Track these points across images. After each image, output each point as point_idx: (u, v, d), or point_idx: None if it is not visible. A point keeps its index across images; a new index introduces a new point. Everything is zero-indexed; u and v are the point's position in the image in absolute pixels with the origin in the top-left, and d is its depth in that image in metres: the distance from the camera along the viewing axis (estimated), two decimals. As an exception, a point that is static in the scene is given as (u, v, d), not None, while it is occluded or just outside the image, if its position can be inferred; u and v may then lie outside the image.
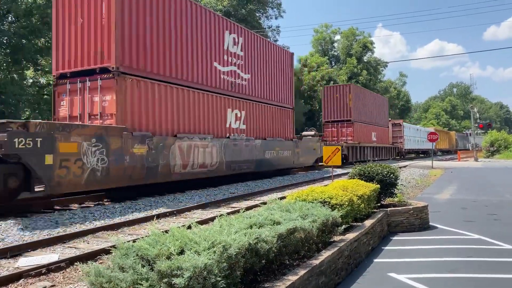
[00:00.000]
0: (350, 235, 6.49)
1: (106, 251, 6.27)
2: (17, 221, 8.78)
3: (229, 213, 9.41)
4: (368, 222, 7.55)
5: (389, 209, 9.00)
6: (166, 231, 4.29)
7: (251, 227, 4.69)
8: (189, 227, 4.59)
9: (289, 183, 18.12)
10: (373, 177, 9.72)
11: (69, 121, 12.22)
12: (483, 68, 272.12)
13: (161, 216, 9.83)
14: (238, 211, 6.04)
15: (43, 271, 5.52)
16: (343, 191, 7.45)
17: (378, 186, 9.24)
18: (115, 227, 8.64)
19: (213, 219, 8.83)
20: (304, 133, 27.40)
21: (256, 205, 10.35)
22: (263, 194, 14.42)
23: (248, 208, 10.37)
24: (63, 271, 5.68)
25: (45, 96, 29.12)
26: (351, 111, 32.87)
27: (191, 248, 3.74)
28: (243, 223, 4.75)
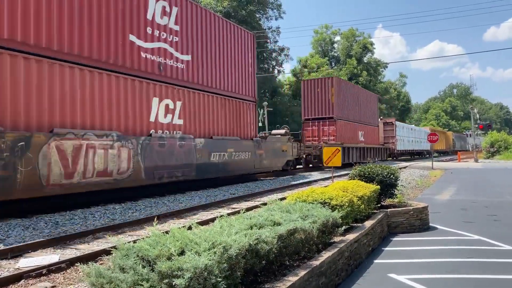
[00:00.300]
0: (350, 236, 6.50)
1: (106, 252, 6.27)
2: (18, 222, 8.81)
3: (229, 214, 9.41)
4: (368, 223, 7.56)
5: (389, 210, 9.01)
6: (167, 232, 4.30)
7: (251, 228, 4.70)
8: (190, 227, 4.60)
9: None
10: (373, 178, 9.74)
11: None
12: (483, 69, 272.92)
13: (161, 217, 9.84)
14: (238, 212, 6.05)
15: (43, 272, 5.53)
16: (343, 192, 7.47)
17: (378, 187, 9.25)
18: (116, 227, 8.66)
19: (213, 219, 8.86)
20: (273, 132, 24.02)
21: (257, 206, 10.36)
22: (263, 195, 14.45)
23: (249, 209, 10.36)
24: (64, 271, 5.69)
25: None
26: (333, 107, 28.66)
27: (191, 249, 3.75)
28: (244, 224, 4.76)
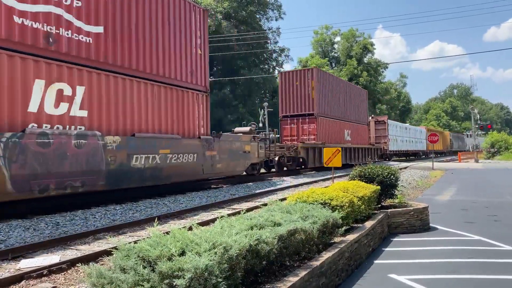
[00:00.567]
0: (351, 236, 6.50)
1: (107, 253, 6.28)
2: (19, 223, 8.82)
3: (229, 215, 9.41)
4: (368, 223, 7.57)
5: (389, 210, 9.01)
6: (167, 233, 4.31)
7: (252, 228, 4.71)
8: (190, 228, 4.60)
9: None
10: (373, 179, 9.74)
11: None
12: (484, 69, 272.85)
13: (161, 218, 9.85)
14: (239, 212, 6.06)
15: (44, 273, 5.54)
16: (344, 192, 7.48)
17: (379, 187, 9.25)
18: (116, 228, 8.67)
19: (214, 220, 8.87)
20: (236, 129, 20.67)
21: (257, 207, 10.37)
22: (263, 195, 14.47)
23: (249, 210, 10.37)
24: (65, 272, 5.70)
25: None
26: (313, 103, 25.76)
27: (192, 249, 3.76)
28: (244, 224, 4.77)
